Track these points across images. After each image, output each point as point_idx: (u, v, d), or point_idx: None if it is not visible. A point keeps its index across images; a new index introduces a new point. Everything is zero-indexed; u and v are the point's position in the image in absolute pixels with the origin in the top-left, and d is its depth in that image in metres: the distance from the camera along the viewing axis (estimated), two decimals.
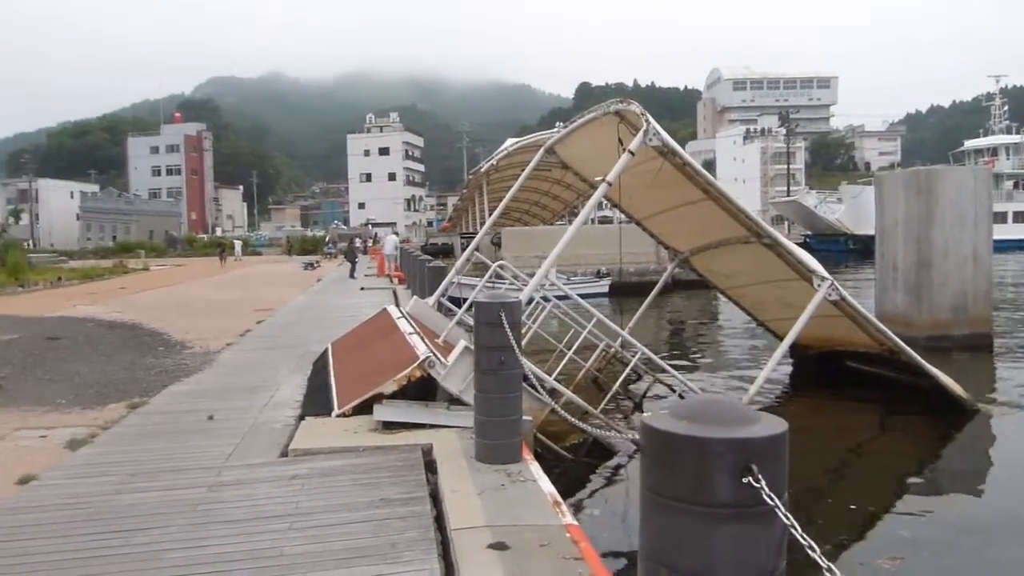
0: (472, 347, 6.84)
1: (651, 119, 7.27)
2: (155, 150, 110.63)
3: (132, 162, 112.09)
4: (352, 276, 29.14)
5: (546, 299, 11.57)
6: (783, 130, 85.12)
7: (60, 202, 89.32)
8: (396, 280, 25.55)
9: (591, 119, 8.70)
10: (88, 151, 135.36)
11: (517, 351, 5.23)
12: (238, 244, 54.13)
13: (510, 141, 31.90)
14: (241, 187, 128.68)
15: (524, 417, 5.71)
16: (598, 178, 7.51)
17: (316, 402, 7.49)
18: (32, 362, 10.77)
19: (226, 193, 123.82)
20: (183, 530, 4.41)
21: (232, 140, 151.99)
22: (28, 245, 60.22)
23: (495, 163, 31.85)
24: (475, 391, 5.46)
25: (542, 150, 10.39)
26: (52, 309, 19.01)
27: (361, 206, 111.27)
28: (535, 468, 5.22)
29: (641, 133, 7.18)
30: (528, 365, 5.81)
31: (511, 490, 4.78)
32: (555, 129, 33.67)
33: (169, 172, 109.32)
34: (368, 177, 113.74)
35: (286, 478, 5.28)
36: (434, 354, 6.93)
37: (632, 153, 7.16)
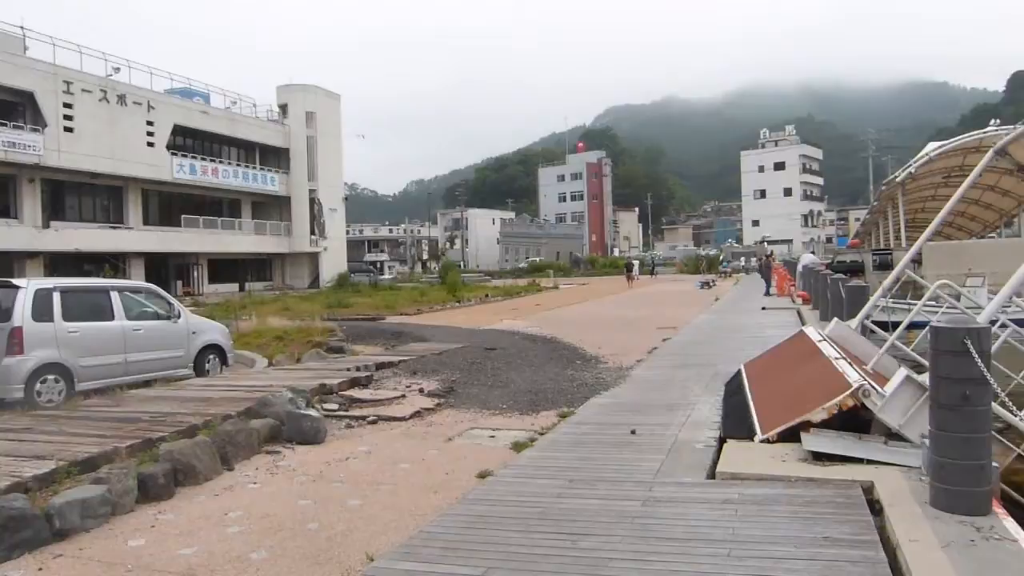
0: (914, 376, 6.15)
1: None
2: (561, 178, 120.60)
3: (542, 190, 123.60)
4: (768, 293, 29.49)
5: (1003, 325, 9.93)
6: None
7: (484, 228, 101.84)
8: (800, 300, 24.30)
9: None
10: (506, 182, 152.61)
11: (990, 384, 4.51)
12: (635, 264, 56.41)
13: (931, 145, 28.46)
14: (636, 209, 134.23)
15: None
16: None
17: (735, 424, 7.33)
18: (476, 369, 12.29)
19: (623, 215, 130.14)
20: (624, 541, 4.55)
21: (628, 165, 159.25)
22: (460, 266, 69.61)
23: (912, 171, 28.69)
24: (931, 428, 4.82)
25: (991, 152, 9.07)
26: (484, 322, 21.62)
27: (755, 223, 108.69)
28: (1012, 525, 4.42)
29: None
30: (1003, 402, 4.98)
31: (985, 548, 4.09)
32: (990, 128, 29.29)
33: (573, 198, 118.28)
34: (762, 193, 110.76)
35: (718, 501, 5.19)
36: (868, 382, 6.33)
37: None
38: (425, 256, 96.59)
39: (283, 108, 53.59)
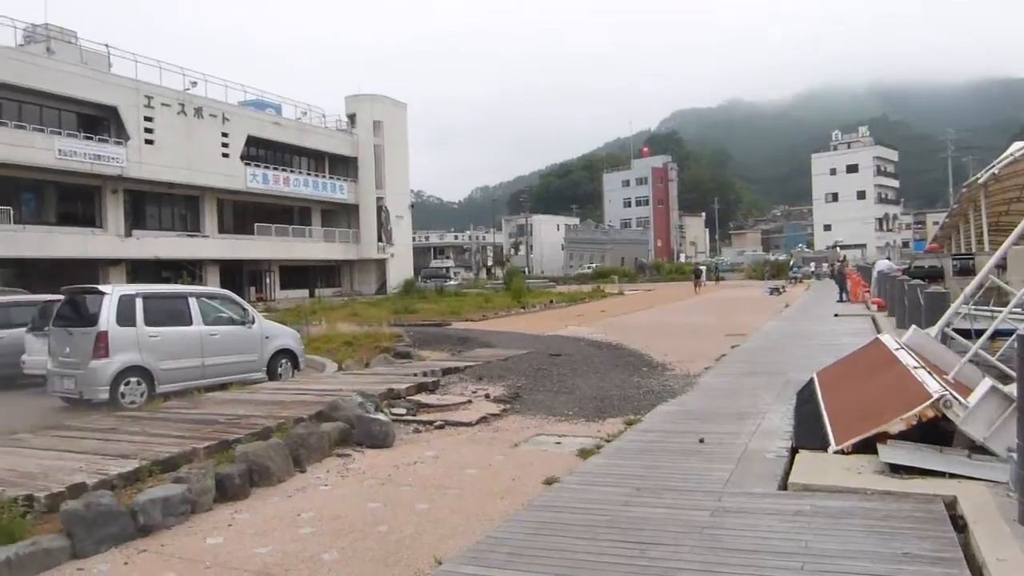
0: (1000, 387, 5.90)
1: None
2: (626, 183, 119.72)
3: (607, 196, 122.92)
4: (841, 299, 29.11)
5: None
6: None
7: (549, 234, 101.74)
8: (875, 306, 23.57)
9: None
10: (570, 188, 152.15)
11: None
12: (703, 269, 55.56)
13: (1017, 145, 27.14)
14: (703, 214, 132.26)
15: None
16: None
17: (808, 434, 7.15)
18: (541, 375, 12.31)
19: (689, 220, 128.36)
20: (693, 552, 4.48)
21: (694, 169, 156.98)
22: (525, 272, 69.70)
23: (996, 171, 27.52)
24: (1019, 441, 4.62)
25: None
26: (549, 328, 21.62)
27: (827, 228, 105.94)
28: None
29: None
30: None
31: None
32: None
33: (638, 203, 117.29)
34: (834, 197, 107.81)
35: (789, 513, 5.07)
36: (950, 392, 6.10)
37: None
38: (490, 262, 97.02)
39: (351, 118, 54.77)
